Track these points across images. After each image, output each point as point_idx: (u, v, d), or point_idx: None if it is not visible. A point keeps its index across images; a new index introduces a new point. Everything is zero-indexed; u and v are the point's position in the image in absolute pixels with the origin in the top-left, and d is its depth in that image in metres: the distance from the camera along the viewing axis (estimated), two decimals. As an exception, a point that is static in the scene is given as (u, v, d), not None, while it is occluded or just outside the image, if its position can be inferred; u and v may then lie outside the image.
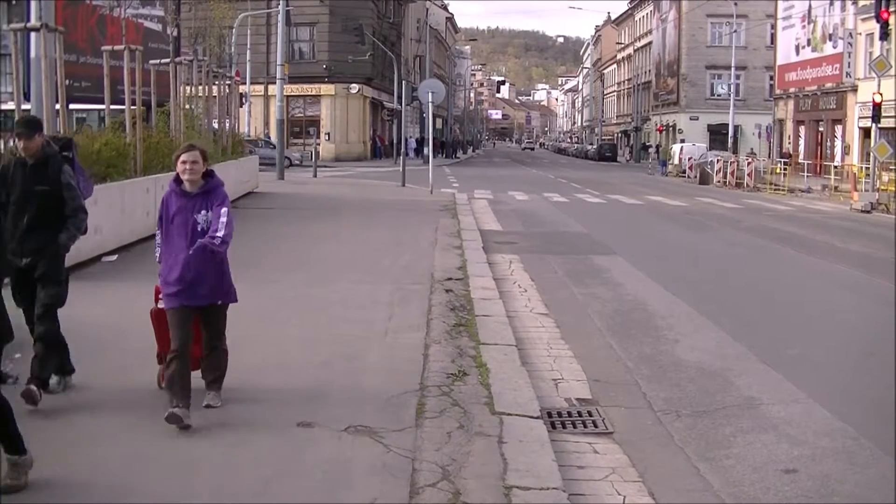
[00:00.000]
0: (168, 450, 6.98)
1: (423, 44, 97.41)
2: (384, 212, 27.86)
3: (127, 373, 8.89)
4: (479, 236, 21.75)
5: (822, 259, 21.52)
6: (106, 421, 7.54)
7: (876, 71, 43.13)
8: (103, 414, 7.74)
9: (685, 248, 23.59)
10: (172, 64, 23.69)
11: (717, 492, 7.03)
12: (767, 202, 42.33)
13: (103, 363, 9.26)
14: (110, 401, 8.07)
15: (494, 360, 9.93)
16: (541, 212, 32.23)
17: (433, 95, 37.48)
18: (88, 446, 7.00)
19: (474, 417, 7.84)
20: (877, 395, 10.01)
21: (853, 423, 8.68)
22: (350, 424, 7.51)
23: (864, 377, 10.88)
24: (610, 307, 14.45)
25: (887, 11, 37.13)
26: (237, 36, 54.09)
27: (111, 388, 8.46)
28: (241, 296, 8.18)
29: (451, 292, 13.90)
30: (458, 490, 6.31)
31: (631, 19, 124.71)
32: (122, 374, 8.88)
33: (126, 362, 9.25)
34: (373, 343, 10.52)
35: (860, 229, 29.57)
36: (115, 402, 8.04)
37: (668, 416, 8.88)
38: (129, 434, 7.23)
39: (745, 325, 13.34)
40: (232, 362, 8.12)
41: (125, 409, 7.81)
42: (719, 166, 57.07)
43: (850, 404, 9.46)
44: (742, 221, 31.15)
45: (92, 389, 8.41)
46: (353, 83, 71.79)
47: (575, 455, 7.64)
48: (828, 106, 62.43)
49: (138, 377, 8.57)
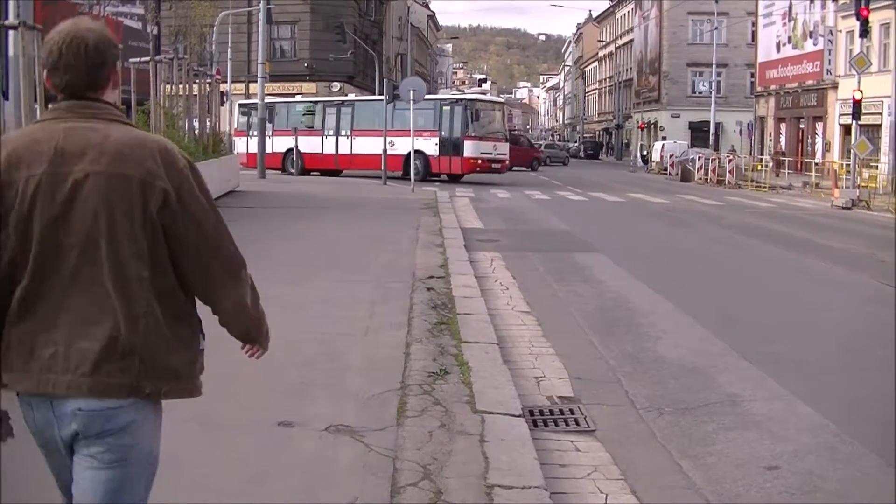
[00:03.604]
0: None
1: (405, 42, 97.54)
2: (365, 210, 27.83)
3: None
4: (460, 234, 21.71)
5: (804, 256, 21.57)
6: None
7: (856, 68, 43.33)
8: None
9: (667, 245, 23.62)
10: (152, 62, 23.63)
11: (700, 489, 7.01)
12: (749, 199, 42.46)
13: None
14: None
15: (476, 358, 9.88)
16: (523, 209, 32.26)
17: (414, 93, 37.61)
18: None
19: (456, 416, 7.80)
20: (858, 392, 10.03)
21: (835, 420, 8.67)
22: (331, 424, 7.46)
23: (845, 374, 10.88)
24: (592, 305, 14.44)
25: (867, 9, 37.34)
26: (218, 34, 53.91)
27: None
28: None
29: (432, 290, 13.87)
30: (440, 489, 6.27)
31: (612, 17, 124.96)
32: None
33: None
34: (354, 341, 10.48)
35: (841, 226, 29.66)
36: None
37: (651, 413, 8.85)
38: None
39: (727, 323, 13.35)
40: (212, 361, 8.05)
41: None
42: (701, 163, 57.30)
43: (831, 401, 9.45)
44: (724, 218, 31.23)
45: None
46: (334, 81, 71.62)
47: (557, 453, 7.60)
48: (808, 103, 62.65)
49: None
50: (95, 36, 3.56)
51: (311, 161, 50.79)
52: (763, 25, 72.09)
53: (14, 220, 3.44)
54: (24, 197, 3.43)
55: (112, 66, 3.63)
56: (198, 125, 28.71)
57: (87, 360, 3.42)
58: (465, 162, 46.48)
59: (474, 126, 46.89)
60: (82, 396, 3.44)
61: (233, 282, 3.76)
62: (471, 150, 46.32)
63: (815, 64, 60.75)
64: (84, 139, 3.47)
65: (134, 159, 3.48)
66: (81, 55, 3.51)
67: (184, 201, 3.55)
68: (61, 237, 3.45)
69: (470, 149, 46.34)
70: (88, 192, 3.44)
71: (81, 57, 3.51)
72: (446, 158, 46.89)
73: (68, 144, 3.46)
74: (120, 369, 3.46)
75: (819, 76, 60.21)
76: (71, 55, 3.50)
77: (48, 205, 3.43)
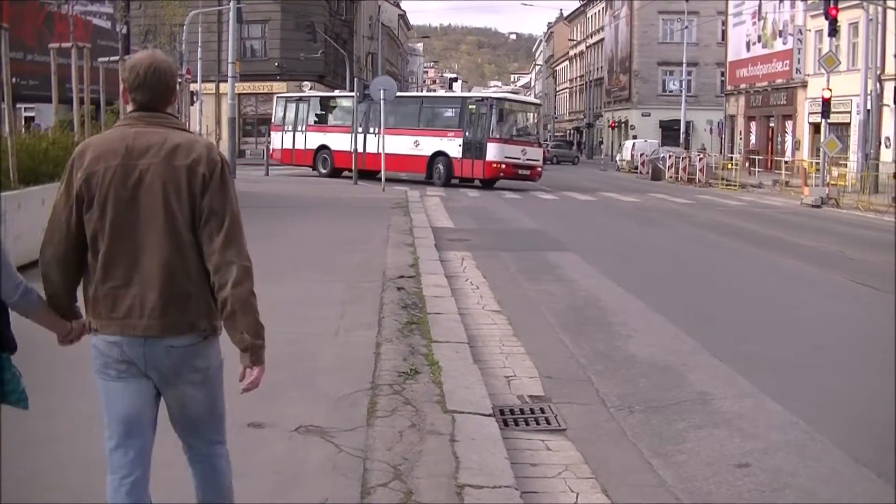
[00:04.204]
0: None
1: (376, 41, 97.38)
2: (336, 210, 27.78)
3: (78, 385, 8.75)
4: (431, 234, 21.68)
5: (774, 254, 21.65)
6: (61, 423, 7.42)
7: (825, 67, 43.65)
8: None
9: (638, 244, 23.67)
10: (122, 62, 23.44)
11: (671, 487, 7.02)
12: (719, 197, 42.61)
13: (52, 374, 9.12)
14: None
15: (446, 357, 9.87)
16: (493, 209, 32.25)
17: (385, 93, 37.68)
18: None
19: (426, 416, 7.79)
20: (828, 389, 10.06)
21: (805, 418, 8.70)
22: (301, 424, 7.44)
23: (815, 371, 10.91)
24: (563, 303, 14.44)
25: (836, 8, 37.52)
26: (188, 33, 53.68)
27: (64, 394, 8.34)
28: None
29: (403, 290, 13.85)
30: (410, 489, 6.25)
31: (583, 16, 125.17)
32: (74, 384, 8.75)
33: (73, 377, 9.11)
34: (324, 342, 10.45)
35: (811, 224, 29.79)
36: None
37: (621, 412, 8.86)
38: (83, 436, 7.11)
39: (697, 321, 13.38)
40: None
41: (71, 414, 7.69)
42: (671, 162, 57.42)
43: (801, 398, 9.48)
44: (694, 217, 31.33)
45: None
46: (305, 81, 71.33)
47: (528, 452, 7.60)
48: (778, 102, 63.01)
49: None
50: (168, 65, 4.70)
51: (340, 160, 47.50)
52: (733, 24, 72.46)
53: (97, 202, 4.51)
54: (104, 183, 4.51)
55: (175, 89, 4.74)
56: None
57: (156, 307, 4.49)
58: (488, 166, 42.91)
59: (500, 128, 43.28)
60: (155, 335, 4.51)
61: (227, 257, 4.62)
62: (494, 154, 42.75)
63: (785, 63, 61.09)
64: (148, 140, 4.54)
65: (183, 153, 4.53)
66: (157, 79, 4.61)
67: (214, 182, 4.54)
68: (131, 214, 4.51)
69: (494, 152, 42.75)
70: (150, 179, 4.50)
71: (157, 81, 4.61)
72: (469, 162, 43.50)
73: (136, 144, 4.54)
74: (180, 311, 4.54)
75: (788, 75, 60.55)
76: (150, 78, 4.59)
77: (121, 189, 4.51)
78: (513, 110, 45.96)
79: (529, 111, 48.24)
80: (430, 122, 45.77)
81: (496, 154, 42.63)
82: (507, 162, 42.87)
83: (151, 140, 4.55)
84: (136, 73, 4.61)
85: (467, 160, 43.37)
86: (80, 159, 4.61)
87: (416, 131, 44.75)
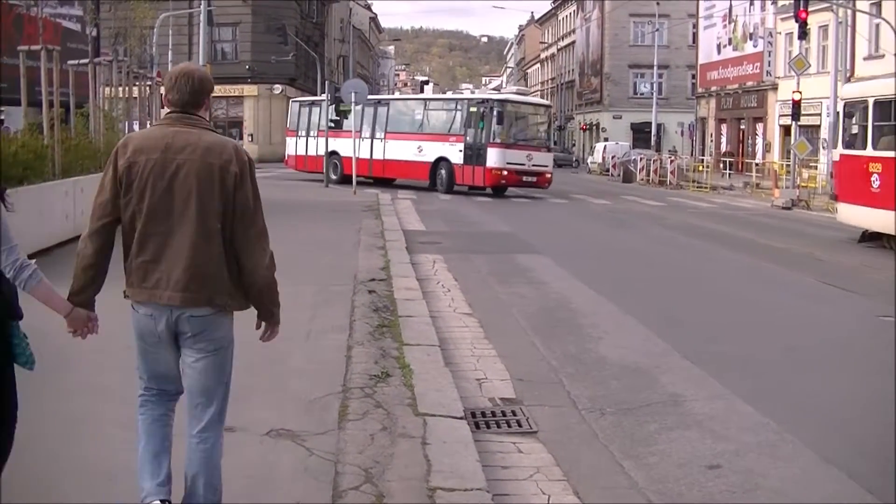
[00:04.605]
0: (87, 454, 6.85)
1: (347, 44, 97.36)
2: (307, 213, 27.70)
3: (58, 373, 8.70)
4: (402, 236, 21.64)
5: (745, 256, 21.75)
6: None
7: (795, 69, 43.89)
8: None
9: (610, 246, 23.71)
10: (91, 64, 23.30)
11: (643, 489, 7.02)
12: (690, 199, 42.78)
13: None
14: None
15: (418, 360, 9.86)
16: (465, 212, 32.22)
17: (356, 96, 37.52)
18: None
19: (397, 419, 7.78)
20: (799, 390, 10.09)
21: (776, 418, 8.73)
22: (272, 428, 7.42)
23: (786, 372, 10.94)
24: (534, 306, 14.45)
25: (805, 11, 37.68)
26: (158, 36, 53.48)
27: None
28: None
29: (374, 293, 13.82)
30: (382, 493, 6.24)
31: (554, 19, 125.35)
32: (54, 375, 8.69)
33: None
34: (295, 345, 10.39)
35: (781, 226, 29.93)
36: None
37: (593, 414, 8.86)
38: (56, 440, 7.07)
39: (669, 323, 13.41)
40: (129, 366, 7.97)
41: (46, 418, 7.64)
42: (642, 164, 57.60)
43: (772, 399, 9.51)
44: (666, 219, 31.43)
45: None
46: (276, 84, 71.45)
47: (499, 455, 7.59)
48: (749, 104, 63.36)
49: (71, 377, 8.40)
50: (201, 74, 5.48)
51: (350, 166, 42.88)
52: (704, 27, 72.77)
53: (136, 188, 5.27)
54: (144, 173, 5.26)
55: (207, 95, 5.48)
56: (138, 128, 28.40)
57: (180, 282, 5.25)
58: (488, 173, 39.83)
59: (502, 131, 39.93)
60: (176, 304, 5.26)
61: (259, 245, 5.48)
62: (495, 160, 39.64)
63: (755, 65, 61.41)
64: (185, 139, 5.30)
65: (216, 152, 5.30)
66: (190, 84, 5.37)
67: (244, 180, 5.35)
68: (166, 201, 5.26)
69: (494, 157, 39.68)
70: (186, 172, 5.25)
71: (190, 86, 5.37)
72: (470, 168, 40.50)
73: (175, 141, 5.28)
74: (200, 288, 5.28)
75: (759, 77, 60.87)
76: (183, 83, 5.37)
77: (159, 179, 5.25)
78: (517, 112, 42.15)
79: (537, 113, 44.03)
80: (433, 127, 43.33)
81: (497, 160, 39.73)
82: (509, 168, 39.90)
83: (188, 139, 5.30)
84: (170, 78, 5.42)
85: (468, 167, 40.64)
86: (123, 150, 5.36)
87: (419, 136, 42.93)
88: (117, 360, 7.87)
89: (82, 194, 17.96)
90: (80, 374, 8.78)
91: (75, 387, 8.47)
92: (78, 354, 8.14)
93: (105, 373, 8.70)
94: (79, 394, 8.33)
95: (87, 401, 8.12)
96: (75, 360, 8.63)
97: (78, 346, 5.98)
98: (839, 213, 26.90)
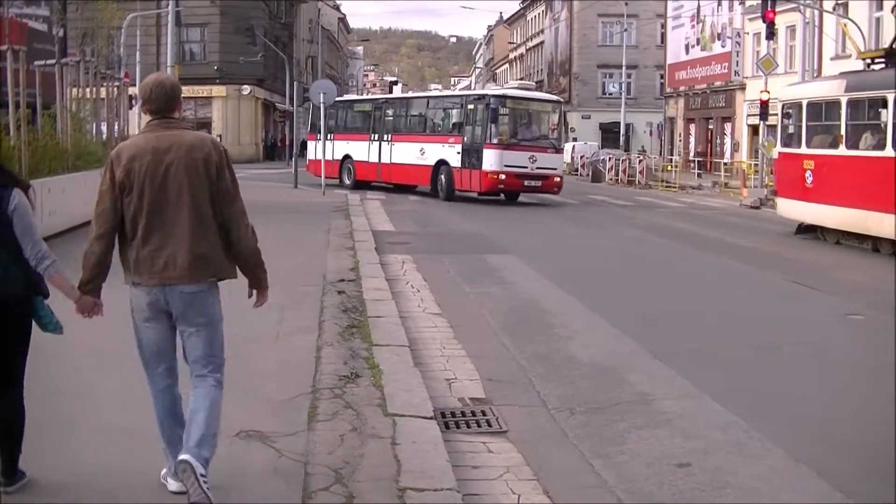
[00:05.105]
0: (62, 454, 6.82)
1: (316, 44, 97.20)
2: (276, 214, 27.53)
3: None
4: (371, 237, 21.59)
5: (714, 254, 21.83)
6: None
7: (763, 69, 44.17)
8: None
9: (579, 246, 23.76)
10: (58, 65, 23.18)
11: (612, 488, 7.04)
12: (659, 199, 42.85)
13: None
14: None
15: (387, 361, 9.85)
16: (434, 213, 32.16)
17: (325, 96, 37.15)
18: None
19: (367, 419, 7.77)
20: (767, 388, 10.14)
21: (745, 416, 8.76)
22: (241, 429, 7.39)
23: (754, 370, 11.00)
24: (503, 306, 14.45)
25: (773, 12, 37.84)
26: (126, 37, 53.15)
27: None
28: (127, 300, 8.06)
29: (343, 294, 13.80)
30: (352, 493, 6.24)
31: (523, 19, 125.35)
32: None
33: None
34: (264, 346, 10.38)
35: (749, 225, 30.04)
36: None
37: (562, 413, 8.88)
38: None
39: (638, 322, 13.43)
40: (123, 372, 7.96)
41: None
42: (611, 164, 57.66)
43: (741, 397, 9.55)
44: (635, 218, 31.49)
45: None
46: (244, 84, 71.25)
47: (469, 455, 7.61)
48: (717, 104, 63.60)
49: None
50: (171, 81, 6.36)
51: (362, 171, 42.29)
52: (672, 27, 72.95)
53: (135, 190, 6.10)
54: (140, 175, 6.10)
55: (179, 99, 6.34)
56: (105, 129, 28.25)
57: (184, 264, 6.13)
58: (484, 177, 35.33)
59: (499, 130, 35.52)
60: (184, 283, 6.14)
61: (241, 220, 6.38)
62: (491, 162, 35.13)
63: (724, 65, 61.64)
64: (169, 141, 6.16)
65: (198, 148, 6.21)
66: (164, 92, 6.22)
67: (223, 168, 6.27)
68: (162, 196, 6.11)
69: (490, 160, 35.21)
70: (175, 169, 6.12)
71: (164, 93, 6.22)
72: (467, 172, 36.10)
73: (160, 144, 6.15)
74: (202, 268, 6.20)
75: (727, 77, 61.10)
76: (159, 92, 6.21)
77: (154, 178, 6.10)
78: (518, 108, 37.52)
79: (543, 109, 38.54)
80: (434, 127, 39.86)
81: (494, 162, 35.17)
82: (507, 171, 35.20)
83: (172, 140, 6.17)
84: (145, 89, 6.24)
85: (466, 170, 36.23)
86: (117, 160, 6.18)
87: (421, 137, 39.32)
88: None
89: (49, 195, 17.89)
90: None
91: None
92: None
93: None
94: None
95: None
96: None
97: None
98: (778, 207, 28.40)
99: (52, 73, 22.79)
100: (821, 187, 24.51)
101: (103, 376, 8.96)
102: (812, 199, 25.02)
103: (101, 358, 9.40)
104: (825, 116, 24.96)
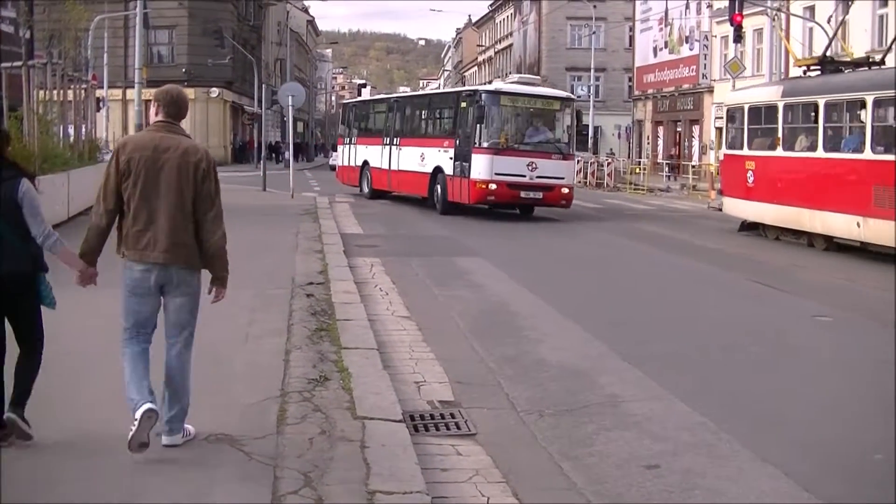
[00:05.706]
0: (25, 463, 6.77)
1: (284, 47, 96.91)
2: (244, 217, 27.40)
3: None
4: (340, 240, 21.56)
5: (682, 256, 21.91)
6: None
7: (730, 72, 44.45)
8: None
9: (548, 248, 23.78)
10: (25, 67, 23.04)
11: (581, 490, 7.05)
12: (628, 202, 42.95)
13: None
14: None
15: (356, 364, 9.85)
16: (403, 215, 32.12)
17: (293, 99, 37.04)
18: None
19: (336, 423, 7.76)
20: (735, 389, 10.18)
21: (713, 418, 8.80)
22: (210, 433, 7.38)
23: (723, 371, 11.05)
24: (473, 309, 14.46)
25: (740, 15, 37.98)
26: (94, 39, 52.83)
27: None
28: (99, 302, 8.12)
29: (312, 297, 13.78)
30: (321, 496, 6.23)
31: (492, 22, 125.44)
32: None
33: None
34: (233, 349, 10.36)
35: (717, 227, 30.13)
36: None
37: (531, 415, 8.89)
38: None
39: (607, 324, 13.46)
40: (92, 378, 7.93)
41: None
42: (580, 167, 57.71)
43: (709, 399, 9.60)
44: (603, 221, 31.56)
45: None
46: (213, 87, 71.05)
47: (438, 458, 7.61)
48: (685, 107, 63.83)
49: None
50: (182, 95, 7.39)
51: (377, 179, 38.12)
52: (640, 30, 73.15)
53: (132, 176, 7.04)
54: (139, 165, 7.04)
55: (185, 108, 7.38)
56: (73, 132, 28.10)
57: (162, 248, 7.04)
58: (472, 186, 29.86)
59: (491, 132, 29.99)
60: (160, 263, 7.05)
61: (215, 223, 7.21)
62: (480, 170, 29.66)
63: (692, 68, 61.87)
64: (169, 142, 7.11)
65: (191, 153, 7.14)
66: (181, 100, 7.34)
67: (209, 175, 7.16)
68: (153, 188, 7.04)
69: (479, 167, 29.73)
70: (169, 167, 7.06)
71: (181, 101, 7.34)
72: (458, 180, 30.79)
73: (161, 143, 7.10)
74: (177, 252, 7.09)
75: (695, 80, 61.34)
76: (180, 100, 7.32)
77: (150, 170, 7.04)
78: (515, 106, 31.31)
79: (548, 107, 31.97)
80: (434, 129, 34.77)
81: (483, 170, 29.71)
82: (499, 181, 29.66)
83: (171, 143, 7.12)
84: (166, 95, 7.26)
85: (457, 178, 30.96)
86: (122, 149, 7.14)
87: (421, 141, 34.60)
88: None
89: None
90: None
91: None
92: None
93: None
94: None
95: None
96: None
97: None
98: (724, 206, 29.81)
99: (18, 75, 22.65)
100: (761, 187, 26.14)
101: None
102: (754, 198, 26.64)
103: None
104: (764, 120, 26.34)
